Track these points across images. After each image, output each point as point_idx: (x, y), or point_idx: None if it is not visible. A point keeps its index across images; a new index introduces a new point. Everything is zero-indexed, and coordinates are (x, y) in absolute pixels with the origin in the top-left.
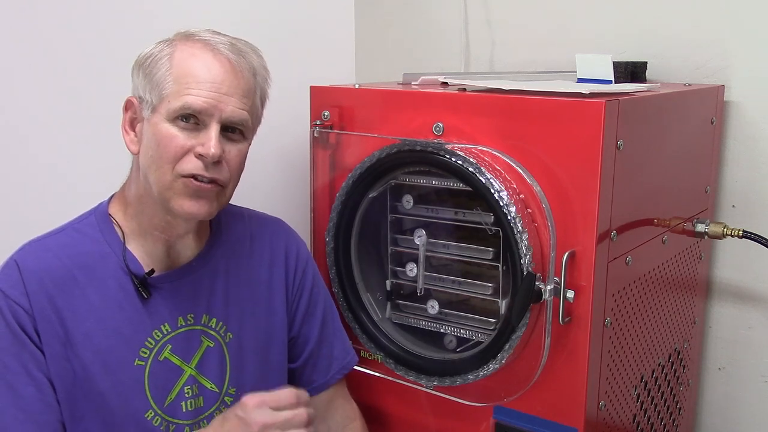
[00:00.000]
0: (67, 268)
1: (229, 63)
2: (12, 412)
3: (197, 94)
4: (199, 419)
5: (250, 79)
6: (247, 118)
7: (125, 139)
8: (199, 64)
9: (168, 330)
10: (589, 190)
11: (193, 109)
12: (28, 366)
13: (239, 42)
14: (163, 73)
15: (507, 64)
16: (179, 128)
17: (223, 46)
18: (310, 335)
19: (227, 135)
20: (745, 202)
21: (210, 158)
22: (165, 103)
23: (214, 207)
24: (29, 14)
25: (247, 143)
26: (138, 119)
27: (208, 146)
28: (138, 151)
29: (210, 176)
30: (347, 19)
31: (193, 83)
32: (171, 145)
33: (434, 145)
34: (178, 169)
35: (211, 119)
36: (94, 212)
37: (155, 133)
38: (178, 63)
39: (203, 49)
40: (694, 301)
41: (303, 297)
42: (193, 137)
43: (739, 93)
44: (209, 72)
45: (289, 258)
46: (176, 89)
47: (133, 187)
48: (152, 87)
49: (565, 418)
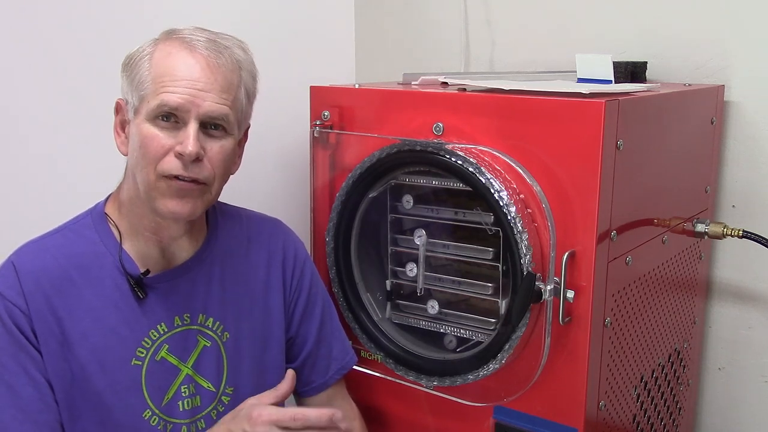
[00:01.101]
0: (64, 269)
1: (205, 60)
2: (11, 412)
3: (173, 92)
4: (195, 419)
5: (230, 74)
6: (228, 113)
7: (116, 141)
8: (176, 62)
9: (164, 330)
10: (589, 190)
11: (170, 106)
12: (26, 366)
13: (222, 37)
14: (142, 74)
15: (507, 64)
16: (159, 128)
17: (200, 42)
18: (308, 335)
19: (208, 132)
20: (745, 202)
21: (188, 156)
22: (145, 104)
23: (198, 206)
24: (29, 14)
25: (231, 139)
26: (127, 121)
27: (186, 144)
28: (127, 152)
29: (189, 175)
30: (347, 19)
31: (168, 81)
32: (152, 146)
33: (434, 145)
34: (159, 169)
35: (189, 116)
36: (90, 213)
37: (138, 134)
38: (156, 63)
39: (180, 48)
40: (694, 301)
41: (301, 297)
42: (173, 136)
43: (739, 93)
44: (185, 70)
45: (287, 259)
46: (154, 89)
47: (125, 188)
48: (134, 89)
49: (565, 418)
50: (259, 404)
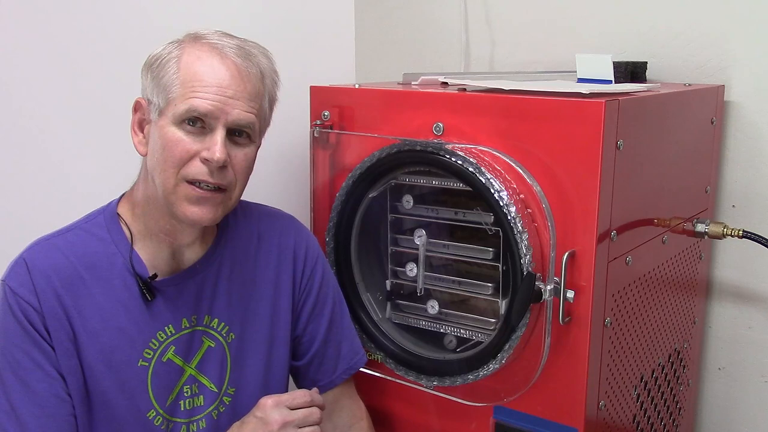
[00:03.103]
0: (74, 268)
1: (235, 67)
2: (27, 408)
3: (203, 98)
4: (194, 418)
5: (257, 83)
6: (254, 121)
7: (134, 140)
8: (206, 68)
9: (172, 332)
10: (589, 190)
11: (199, 112)
12: (40, 362)
13: (248, 45)
14: (170, 76)
15: (507, 64)
16: (185, 132)
17: (230, 49)
18: (316, 335)
19: (233, 139)
20: (745, 202)
21: (215, 163)
22: (171, 107)
23: (219, 213)
24: (41, 16)
25: (254, 147)
26: (146, 121)
27: (213, 150)
28: (146, 152)
29: (215, 182)
30: (347, 19)
31: (199, 87)
32: (176, 150)
33: (434, 145)
34: (183, 173)
35: (217, 123)
36: (103, 212)
37: (161, 136)
38: (185, 66)
39: (210, 53)
40: (694, 301)
41: (310, 296)
42: (199, 141)
43: (739, 93)
44: (216, 76)
45: (298, 257)
46: (182, 92)
47: (141, 189)
48: (160, 90)
49: (565, 418)
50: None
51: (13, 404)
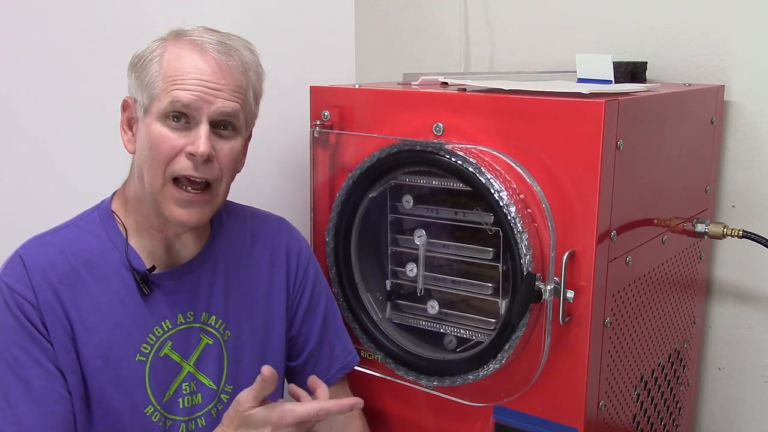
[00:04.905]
0: (71, 264)
1: (216, 62)
2: (26, 404)
3: (185, 89)
4: (194, 416)
5: (240, 76)
6: (238, 110)
7: (123, 138)
8: (187, 63)
9: (168, 326)
10: (589, 190)
11: (182, 103)
12: (38, 358)
13: (231, 39)
14: (153, 74)
15: (507, 64)
16: (170, 128)
17: (211, 45)
18: (310, 334)
19: (218, 132)
20: (745, 202)
21: (200, 156)
22: (155, 103)
23: (206, 212)
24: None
25: (240, 139)
26: (134, 119)
27: (198, 144)
28: (134, 150)
29: (200, 176)
30: (347, 19)
31: (180, 80)
32: (162, 146)
33: (434, 145)
34: (170, 170)
35: (201, 115)
36: (97, 209)
37: (148, 134)
38: (167, 63)
39: (191, 49)
40: (694, 301)
41: (304, 296)
42: (184, 137)
43: (739, 93)
44: (197, 70)
45: (291, 257)
46: (164, 87)
47: (131, 186)
48: (144, 88)
49: (565, 418)
50: (280, 406)
51: (10, 402)
